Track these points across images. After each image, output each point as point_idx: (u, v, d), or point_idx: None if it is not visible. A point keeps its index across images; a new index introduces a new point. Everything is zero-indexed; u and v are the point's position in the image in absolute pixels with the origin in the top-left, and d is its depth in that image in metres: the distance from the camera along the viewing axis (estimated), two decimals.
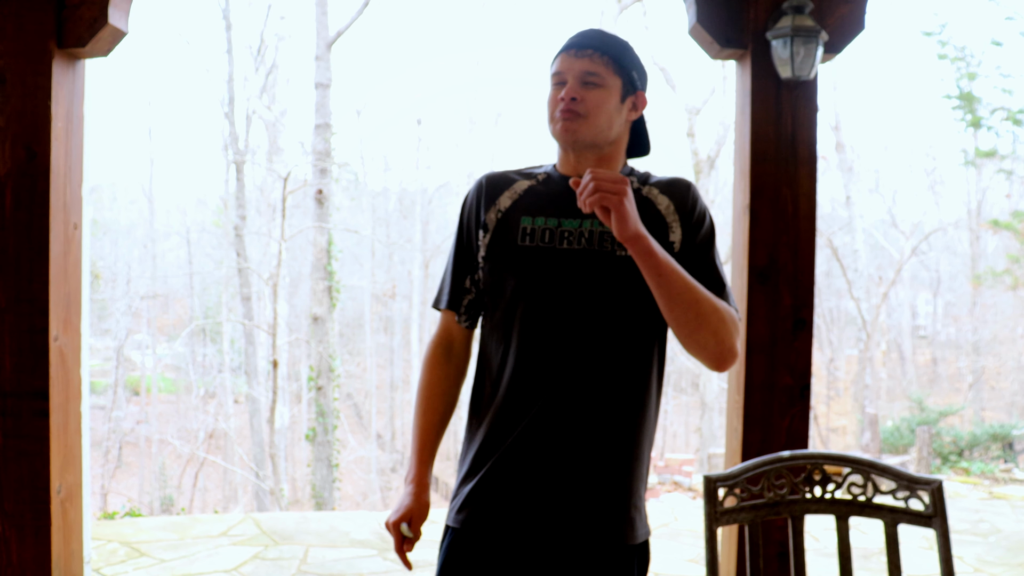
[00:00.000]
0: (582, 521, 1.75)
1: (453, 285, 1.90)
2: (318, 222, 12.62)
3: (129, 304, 19.05)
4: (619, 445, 1.76)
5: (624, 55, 1.80)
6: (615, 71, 1.78)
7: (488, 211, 1.84)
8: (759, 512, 1.91)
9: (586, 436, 1.75)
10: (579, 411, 1.75)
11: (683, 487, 13.79)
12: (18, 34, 2.87)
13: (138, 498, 18.42)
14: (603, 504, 1.76)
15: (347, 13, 16.44)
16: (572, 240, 1.76)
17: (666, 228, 1.79)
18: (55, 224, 2.93)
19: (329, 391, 12.67)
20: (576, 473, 1.75)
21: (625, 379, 1.77)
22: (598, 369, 1.75)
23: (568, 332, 1.75)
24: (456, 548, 1.83)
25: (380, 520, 5.02)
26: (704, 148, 15.52)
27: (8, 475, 2.91)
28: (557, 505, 1.76)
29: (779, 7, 3.03)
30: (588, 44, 1.78)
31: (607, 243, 1.75)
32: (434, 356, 1.92)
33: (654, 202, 1.81)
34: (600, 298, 1.75)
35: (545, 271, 1.76)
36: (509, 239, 1.80)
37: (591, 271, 1.75)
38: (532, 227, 1.79)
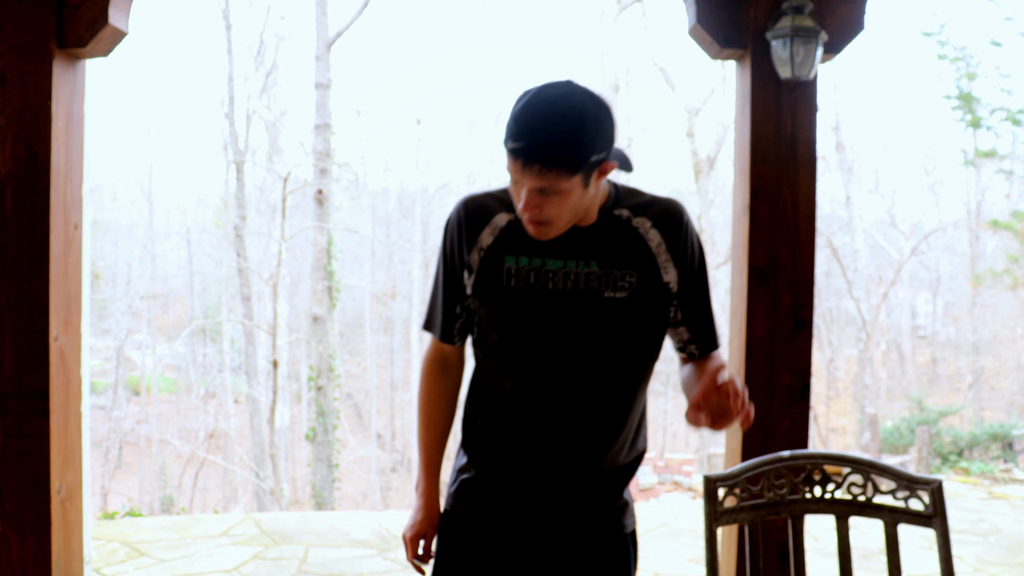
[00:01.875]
0: (578, 514, 1.82)
1: (445, 314, 1.87)
2: (318, 222, 12.62)
3: (129, 304, 19.06)
4: (610, 467, 1.82)
5: (577, 153, 1.57)
6: (569, 173, 1.57)
7: (471, 251, 1.78)
8: (759, 512, 1.91)
9: (580, 461, 1.79)
10: (572, 446, 1.78)
11: (683, 487, 13.78)
12: (18, 34, 2.87)
13: (138, 498, 18.41)
14: (596, 504, 1.82)
15: (347, 13, 16.43)
16: (557, 281, 1.73)
17: (657, 268, 1.74)
18: (55, 224, 2.93)
19: (329, 391, 12.67)
20: (569, 488, 1.81)
21: (614, 413, 1.79)
22: (589, 407, 1.77)
23: (558, 372, 1.76)
24: (454, 532, 1.88)
25: (380, 520, 5.02)
26: (704, 148, 15.52)
27: (8, 475, 2.91)
28: (553, 504, 1.82)
29: (779, 7, 3.03)
30: (533, 159, 1.55)
31: (593, 283, 1.73)
32: (431, 372, 1.93)
33: (645, 238, 1.75)
34: (588, 338, 1.74)
35: (532, 313, 1.74)
36: (493, 280, 1.76)
37: (578, 312, 1.73)
38: (516, 267, 1.74)
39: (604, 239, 1.74)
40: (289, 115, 17.34)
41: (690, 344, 1.83)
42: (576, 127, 1.56)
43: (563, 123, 1.56)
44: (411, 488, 21.52)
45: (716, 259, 15.53)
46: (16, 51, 2.88)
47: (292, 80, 27.65)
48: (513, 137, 1.57)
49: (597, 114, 1.59)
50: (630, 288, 1.73)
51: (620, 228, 1.75)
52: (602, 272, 1.72)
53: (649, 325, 1.77)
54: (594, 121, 1.59)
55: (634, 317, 1.74)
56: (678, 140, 26.31)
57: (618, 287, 1.73)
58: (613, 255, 1.73)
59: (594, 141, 1.59)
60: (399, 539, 4.63)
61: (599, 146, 1.60)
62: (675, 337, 1.84)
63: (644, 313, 1.75)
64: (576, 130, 1.56)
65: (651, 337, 1.79)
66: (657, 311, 1.77)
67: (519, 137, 1.56)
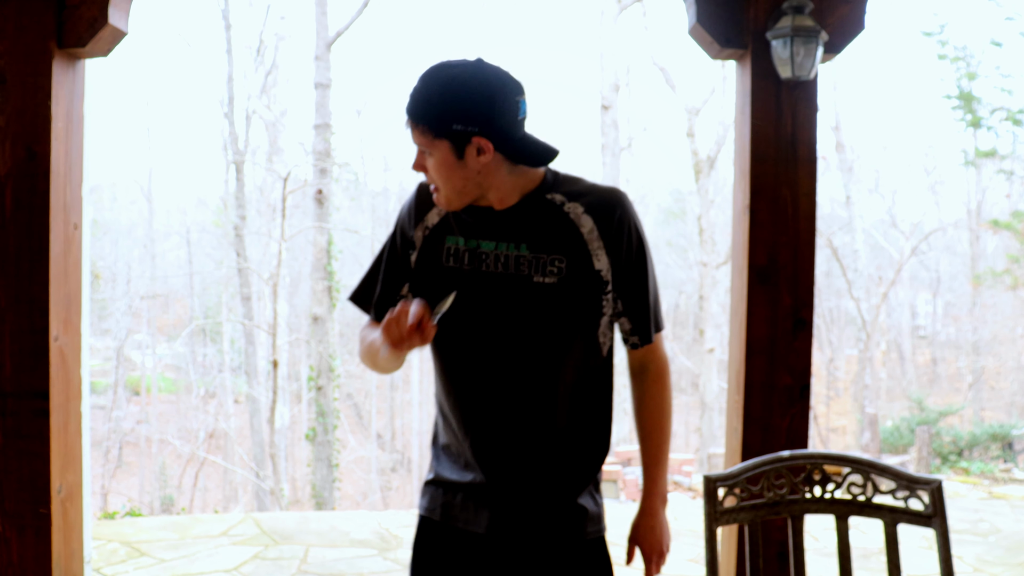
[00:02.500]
0: (529, 515, 1.80)
1: (384, 290, 1.87)
2: (318, 222, 12.62)
3: (129, 304, 19.06)
4: (553, 451, 1.80)
5: (438, 114, 1.65)
6: (435, 135, 1.66)
7: (416, 228, 1.83)
8: (759, 512, 1.91)
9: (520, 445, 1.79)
10: (509, 424, 1.79)
11: (683, 487, 13.79)
12: (18, 34, 2.87)
13: (138, 498, 18.42)
14: (548, 502, 1.81)
15: (347, 13, 16.43)
16: (490, 263, 1.75)
17: (588, 255, 1.74)
18: (55, 224, 2.93)
19: (329, 391, 12.67)
20: (517, 477, 1.80)
21: (543, 401, 1.78)
22: (518, 392, 1.78)
23: (488, 351, 1.77)
24: (426, 535, 1.90)
25: (380, 520, 5.02)
26: (704, 148, 15.52)
27: (8, 475, 2.91)
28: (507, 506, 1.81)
29: (779, 7, 3.03)
30: (407, 112, 1.67)
31: (524, 267, 1.74)
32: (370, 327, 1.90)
33: (576, 223, 1.75)
34: (517, 323, 1.75)
35: (469, 293, 1.75)
36: (434, 259, 1.80)
37: (509, 296, 1.74)
38: (455, 247, 1.79)
39: (534, 223, 1.75)
40: (289, 115, 17.35)
41: (632, 335, 1.83)
42: (441, 91, 1.65)
43: (432, 85, 1.66)
44: (411, 488, 21.54)
45: (716, 259, 15.53)
46: (16, 51, 2.87)
47: (292, 80, 27.67)
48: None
49: (469, 85, 1.65)
50: (559, 274, 1.73)
51: (551, 212, 1.76)
52: (532, 256, 1.74)
53: (578, 311, 1.76)
54: (460, 90, 1.64)
55: (563, 303, 1.74)
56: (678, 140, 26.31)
57: (547, 272, 1.73)
58: (543, 239, 1.74)
59: (455, 108, 1.64)
60: (399, 539, 4.63)
61: (462, 116, 1.64)
62: (621, 329, 1.85)
63: (573, 299, 1.74)
64: (440, 94, 1.65)
65: (582, 323, 1.77)
66: (587, 299, 1.76)
67: (407, 97, 1.69)
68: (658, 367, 1.86)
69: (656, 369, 1.86)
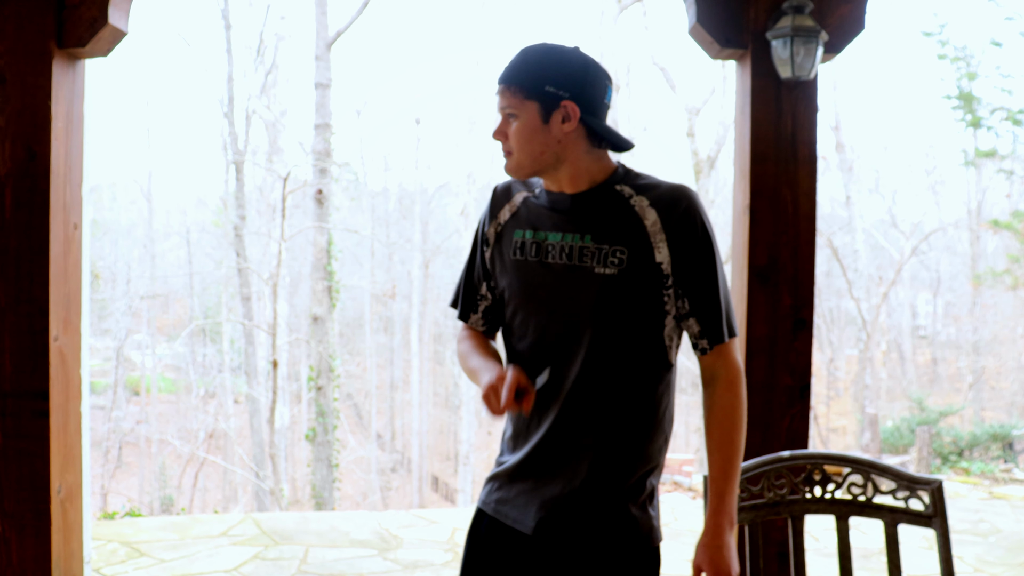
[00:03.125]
0: (577, 519, 1.78)
1: (467, 292, 1.96)
2: (318, 222, 12.62)
3: (129, 304, 19.05)
4: (607, 451, 1.77)
5: (532, 75, 1.73)
6: (525, 96, 1.73)
7: (491, 225, 1.90)
8: (759, 512, 1.91)
9: (576, 439, 1.77)
10: (567, 417, 1.78)
11: (683, 487, 13.78)
12: (18, 34, 2.87)
13: (138, 498, 18.42)
14: (597, 505, 1.77)
15: (347, 13, 16.44)
16: (555, 254, 1.78)
17: (650, 247, 1.73)
18: (55, 224, 2.93)
19: (329, 391, 12.67)
20: (577, 473, 1.78)
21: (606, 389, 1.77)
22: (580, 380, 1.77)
23: (551, 342, 1.78)
24: (478, 527, 1.90)
25: (380, 520, 5.02)
26: (704, 148, 15.52)
27: (8, 475, 2.91)
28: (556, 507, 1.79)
29: (779, 7, 3.03)
30: (500, 79, 1.76)
31: (587, 258, 1.75)
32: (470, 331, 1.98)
33: (640, 216, 1.74)
34: (578, 311, 1.76)
35: (532, 284, 1.80)
36: (504, 252, 1.86)
37: (571, 286, 1.76)
38: (523, 240, 1.83)
39: (600, 213, 1.77)
40: (289, 115, 17.35)
41: (701, 338, 1.77)
42: (538, 56, 1.75)
43: (530, 53, 1.76)
44: (411, 489, 21.53)
45: None
46: (16, 51, 2.87)
47: (292, 80, 27.70)
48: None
49: (566, 55, 1.75)
50: (619, 265, 1.73)
51: (617, 203, 1.77)
52: (595, 247, 1.75)
53: (638, 306, 1.74)
54: (558, 57, 1.75)
55: (622, 296, 1.73)
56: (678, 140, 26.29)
57: (608, 263, 1.74)
58: (606, 230, 1.75)
59: (549, 71, 1.73)
60: (399, 539, 4.62)
61: (555, 79, 1.73)
62: (689, 334, 1.80)
63: (632, 292, 1.73)
64: (537, 58, 1.75)
65: (641, 317, 1.75)
66: (647, 292, 1.74)
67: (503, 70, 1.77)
68: (730, 376, 1.78)
69: (728, 378, 1.78)
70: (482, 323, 1.95)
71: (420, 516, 5.11)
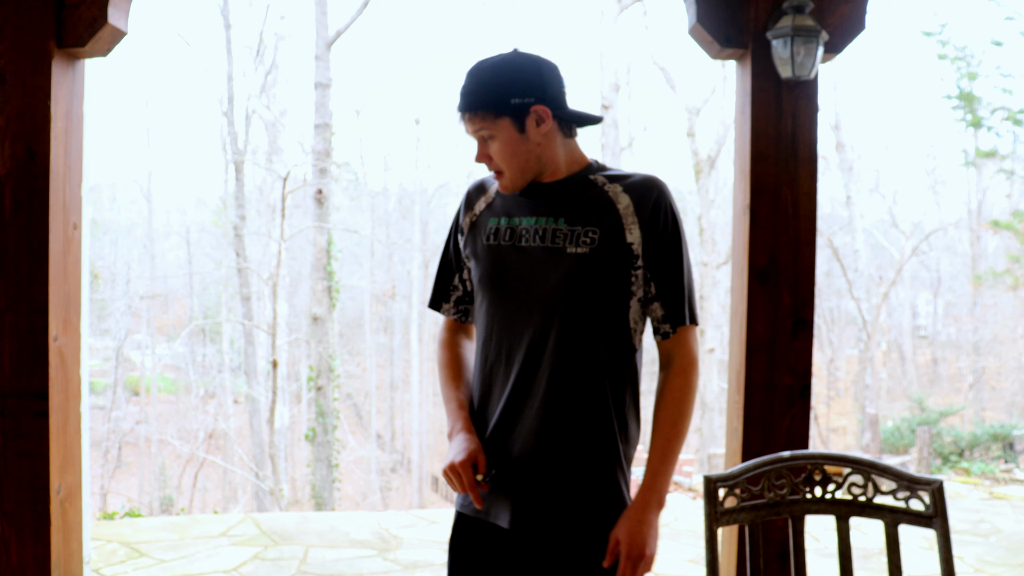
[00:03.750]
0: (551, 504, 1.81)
1: (440, 285, 2.04)
2: (318, 222, 12.61)
3: (128, 304, 19.04)
4: (580, 431, 1.81)
5: (494, 93, 1.75)
6: (496, 115, 1.76)
7: (466, 216, 1.97)
8: (759, 512, 1.91)
9: (548, 422, 1.81)
10: (539, 396, 1.81)
11: (683, 487, 13.78)
12: (18, 34, 2.87)
13: (138, 498, 18.42)
14: (575, 490, 1.81)
15: (347, 13, 16.43)
16: (529, 237, 1.84)
17: (622, 227, 1.80)
18: (55, 224, 2.92)
19: (329, 391, 12.67)
20: (545, 459, 1.81)
21: (576, 369, 1.80)
22: (551, 360, 1.80)
23: (523, 322, 1.83)
24: (460, 530, 1.93)
25: (380, 520, 5.02)
26: (704, 148, 15.51)
27: (8, 475, 2.90)
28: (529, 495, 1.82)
29: (779, 7, 3.03)
30: (463, 107, 1.78)
31: (559, 239, 1.82)
32: (446, 338, 2.05)
33: (614, 200, 1.82)
34: (549, 290, 1.81)
35: (504, 266, 1.86)
36: (478, 239, 1.92)
37: (543, 267, 1.82)
38: (497, 226, 1.89)
39: (574, 197, 1.84)
40: (289, 115, 17.34)
41: (664, 323, 1.83)
42: (492, 74, 1.78)
43: (482, 73, 1.79)
44: (411, 489, 21.52)
45: (716, 259, 15.52)
46: (15, 51, 2.87)
47: (292, 80, 27.70)
48: (459, 98, 1.80)
49: (516, 63, 1.78)
50: (591, 244, 1.79)
51: (591, 189, 1.85)
52: (568, 229, 1.81)
53: (608, 281, 1.80)
54: (511, 68, 1.78)
55: (593, 273, 1.79)
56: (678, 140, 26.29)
57: (580, 242, 1.79)
58: (580, 212, 1.82)
59: (510, 84, 1.76)
60: (398, 539, 4.62)
61: (518, 89, 1.76)
62: (652, 319, 1.86)
63: (603, 269, 1.79)
64: (492, 76, 1.77)
65: (611, 295, 1.81)
66: (617, 271, 1.80)
67: (458, 97, 1.79)
68: (685, 361, 1.84)
69: (682, 363, 1.84)
70: (454, 311, 2.02)
71: (420, 516, 5.11)
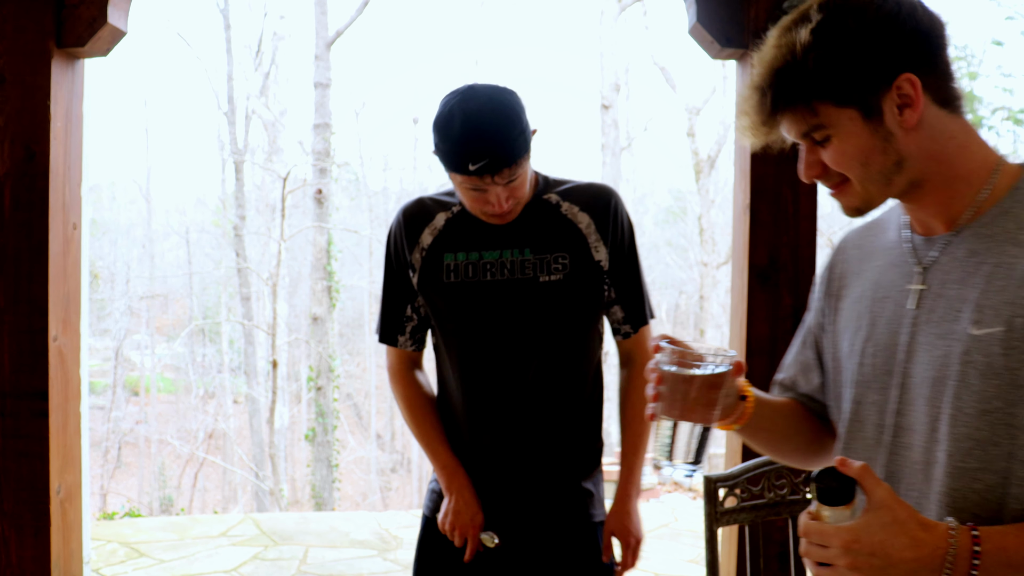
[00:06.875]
0: (538, 502, 1.87)
1: (393, 317, 1.94)
2: (317, 222, 12.61)
3: (128, 304, 19.04)
4: (565, 446, 1.87)
5: (522, 137, 1.70)
6: (527, 155, 1.73)
7: (412, 251, 1.87)
8: (759, 512, 1.91)
9: (530, 440, 1.84)
10: (523, 422, 1.83)
11: (683, 487, 13.78)
12: (17, 34, 2.87)
13: (137, 498, 18.40)
14: (557, 491, 1.87)
15: (347, 13, 16.43)
16: (495, 271, 1.80)
17: (588, 248, 1.81)
18: (54, 224, 2.92)
19: (329, 391, 12.66)
20: (530, 471, 1.86)
21: (561, 395, 1.84)
22: (536, 390, 1.82)
23: (502, 355, 1.82)
24: (429, 533, 1.97)
25: (380, 520, 5.01)
26: (704, 148, 15.51)
27: (7, 475, 2.90)
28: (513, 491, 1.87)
29: (779, 7, 3.02)
30: (501, 165, 1.68)
31: (528, 270, 1.79)
32: (404, 373, 1.96)
33: (574, 221, 1.83)
34: (528, 322, 1.80)
35: (473, 304, 1.81)
36: (434, 277, 1.84)
37: (516, 299, 1.80)
38: (455, 263, 1.82)
39: (535, 226, 1.82)
40: (288, 115, 17.33)
41: (624, 323, 1.88)
42: (511, 118, 1.69)
43: (502, 121, 1.68)
44: (411, 489, 21.53)
45: (716, 259, 15.52)
46: (15, 51, 2.87)
47: (291, 80, 27.70)
48: (471, 160, 1.65)
49: (510, 96, 1.73)
50: (564, 270, 1.80)
51: (550, 214, 1.83)
52: (536, 259, 1.80)
53: (585, 303, 1.83)
54: (515, 103, 1.72)
55: (570, 297, 1.81)
56: (679, 140, 26.31)
57: (552, 270, 1.80)
58: (545, 240, 1.81)
59: (525, 119, 1.73)
60: (398, 539, 4.62)
61: (527, 126, 1.74)
62: (611, 320, 1.90)
63: (579, 292, 1.81)
64: (514, 120, 1.70)
65: (588, 315, 1.85)
66: (591, 289, 1.83)
67: (478, 157, 1.65)
68: (646, 357, 1.84)
69: (643, 360, 1.86)
70: (411, 343, 1.94)
71: (420, 516, 5.10)
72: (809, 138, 1.20)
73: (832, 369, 1.35)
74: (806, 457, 1.44)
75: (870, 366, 1.23)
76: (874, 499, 1.04)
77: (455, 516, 1.84)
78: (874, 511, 1.03)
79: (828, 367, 1.37)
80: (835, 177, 1.21)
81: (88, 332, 3.37)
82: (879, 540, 1.01)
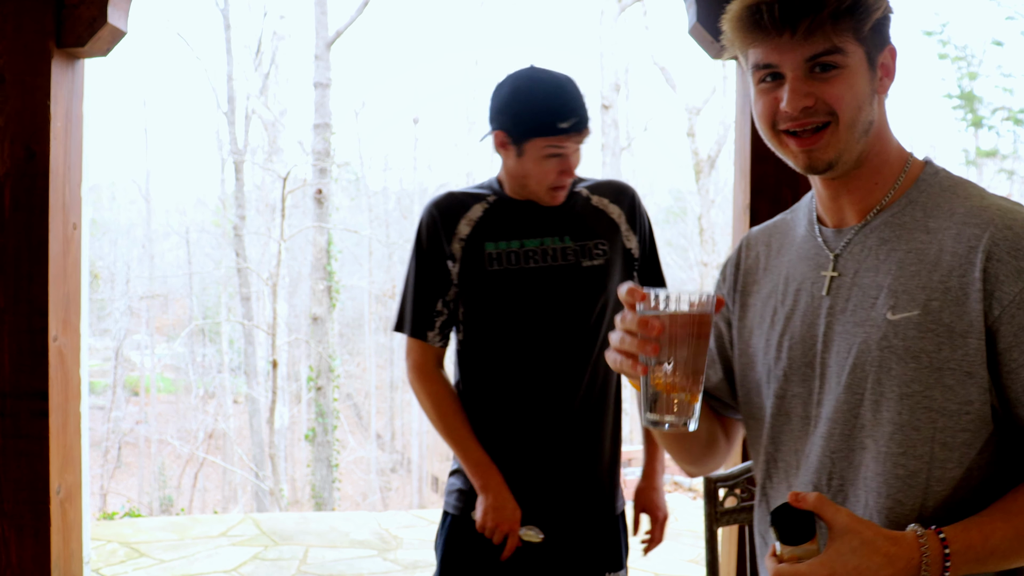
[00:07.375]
0: (574, 496, 1.90)
1: (424, 311, 1.91)
2: (317, 222, 12.61)
3: (128, 304, 19.05)
4: (603, 434, 1.93)
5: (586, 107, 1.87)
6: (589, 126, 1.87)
7: (451, 241, 1.87)
8: None
9: (574, 431, 1.88)
10: (567, 411, 1.86)
11: (683, 487, 13.78)
12: (17, 34, 2.87)
13: (137, 498, 18.41)
14: (590, 482, 1.92)
15: (347, 13, 16.43)
16: (537, 258, 1.85)
17: (621, 236, 1.93)
18: (54, 224, 2.92)
19: (329, 391, 12.67)
20: (569, 462, 1.90)
21: (604, 378, 1.90)
22: (581, 372, 1.86)
23: (549, 340, 1.85)
24: (457, 532, 1.93)
25: (380, 521, 5.01)
26: (704, 148, 15.51)
27: (7, 475, 2.90)
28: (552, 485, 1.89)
29: None
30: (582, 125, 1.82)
31: (571, 255, 1.85)
32: (431, 369, 1.94)
33: (606, 211, 1.93)
34: (573, 306, 1.85)
35: (519, 290, 1.84)
36: (477, 267, 1.85)
37: (561, 284, 1.85)
38: (497, 251, 1.85)
39: (572, 216, 1.90)
40: (288, 115, 17.33)
41: None
42: (579, 88, 1.85)
43: (578, 87, 1.84)
44: (411, 489, 21.53)
45: (716, 259, 15.52)
46: (14, 50, 2.87)
47: (291, 80, 27.72)
48: (561, 118, 1.77)
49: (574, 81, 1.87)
50: (604, 255, 1.88)
51: (583, 205, 1.93)
52: (577, 245, 1.87)
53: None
54: (573, 85, 1.86)
55: (612, 282, 1.88)
56: (678, 140, 26.31)
57: (593, 255, 1.87)
58: (583, 229, 1.89)
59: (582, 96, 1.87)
60: (398, 539, 4.62)
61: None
62: None
63: (618, 278, 1.90)
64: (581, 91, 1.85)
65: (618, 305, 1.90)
66: (627, 276, 1.93)
67: (567, 116, 1.77)
68: None
69: None
70: (439, 339, 1.92)
71: (420, 516, 5.11)
72: (815, 63, 1.15)
73: (741, 364, 1.35)
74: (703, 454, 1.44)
75: (789, 359, 1.24)
76: (837, 526, 1.04)
77: (496, 513, 1.81)
78: (840, 538, 1.04)
79: (735, 362, 1.37)
80: (821, 117, 1.16)
81: (88, 332, 3.37)
82: (854, 566, 1.02)
